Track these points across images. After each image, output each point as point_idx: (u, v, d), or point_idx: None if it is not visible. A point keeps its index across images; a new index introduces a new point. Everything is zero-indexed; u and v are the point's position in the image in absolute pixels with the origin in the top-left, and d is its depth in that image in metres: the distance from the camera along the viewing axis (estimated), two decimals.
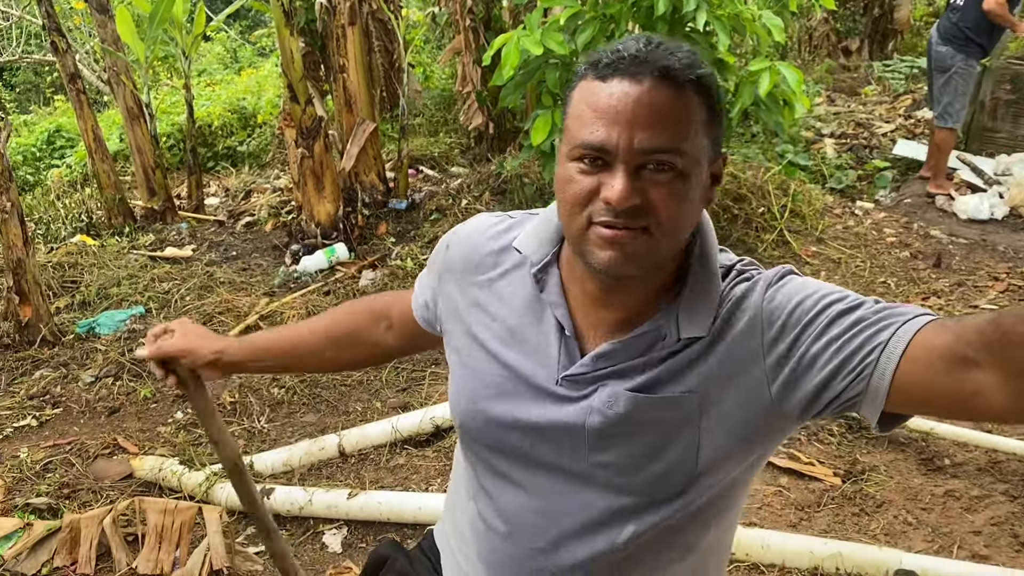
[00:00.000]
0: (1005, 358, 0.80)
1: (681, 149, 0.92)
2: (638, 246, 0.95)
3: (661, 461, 1.01)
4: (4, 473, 3.37)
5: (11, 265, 4.40)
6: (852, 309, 0.93)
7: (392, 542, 1.46)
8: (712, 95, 0.96)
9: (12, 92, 17.40)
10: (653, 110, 0.91)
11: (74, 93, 6.33)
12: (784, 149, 6.11)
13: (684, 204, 0.95)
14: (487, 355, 1.11)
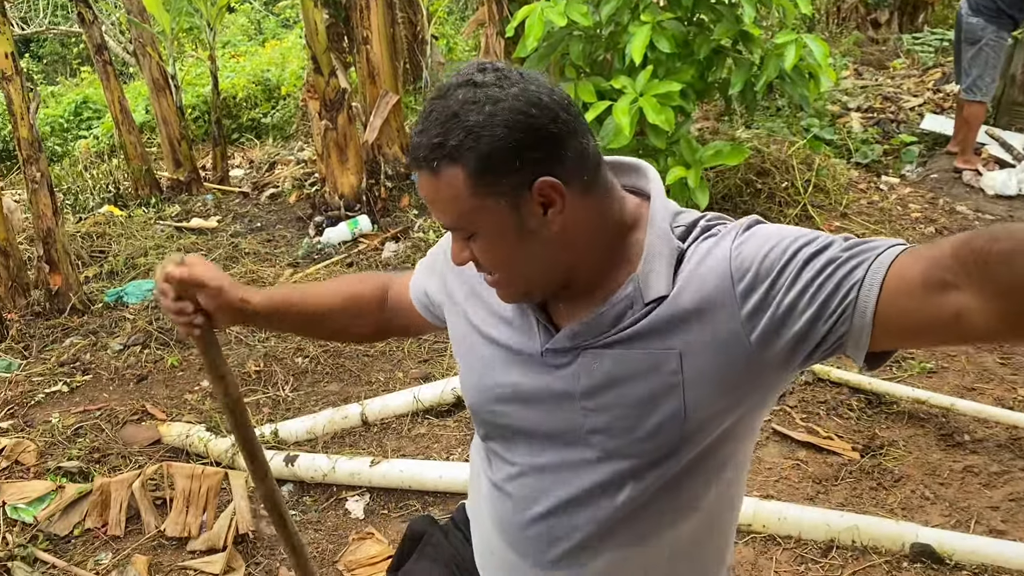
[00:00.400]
0: (983, 278, 0.79)
1: (457, 224, 1.03)
2: (505, 291, 1.09)
3: (651, 419, 1.03)
4: (36, 437, 3.45)
5: (41, 234, 4.49)
6: (822, 250, 0.92)
7: (427, 517, 1.52)
8: (480, 151, 0.95)
9: (39, 63, 17.53)
10: (427, 196, 1.02)
11: (100, 64, 6.38)
12: (809, 123, 6.05)
13: (499, 253, 1.03)
14: (483, 338, 1.17)
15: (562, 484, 1.11)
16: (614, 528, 1.10)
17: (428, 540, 1.42)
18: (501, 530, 1.19)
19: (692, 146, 3.93)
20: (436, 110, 0.98)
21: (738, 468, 1.15)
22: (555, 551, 1.13)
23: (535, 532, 1.14)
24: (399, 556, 1.47)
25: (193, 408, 3.66)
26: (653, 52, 3.79)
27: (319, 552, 2.79)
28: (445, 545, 1.40)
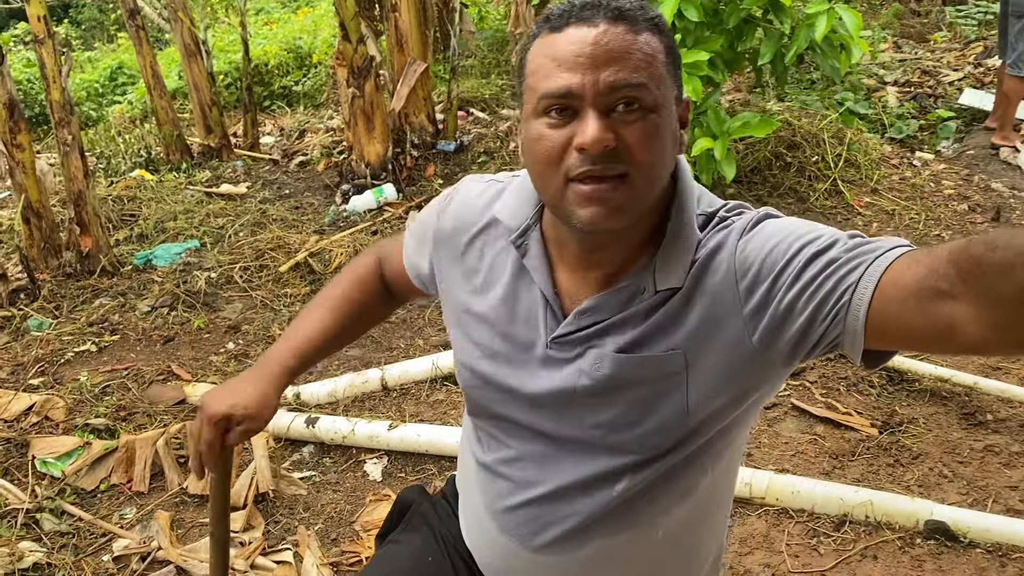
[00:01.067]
0: (979, 289, 0.76)
1: (647, 83, 0.91)
2: (619, 197, 0.92)
3: (653, 417, 1.01)
4: (65, 395, 3.54)
5: (72, 197, 4.56)
6: (825, 250, 0.90)
7: (417, 487, 1.50)
8: (667, 34, 0.95)
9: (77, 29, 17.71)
10: (613, 47, 0.90)
11: (133, 29, 6.44)
12: (844, 97, 5.95)
13: (658, 142, 0.93)
14: (480, 322, 1.12)
15: (559, 472, 1.09)
16: (607, 516, 1.09)
17: (416, 510, 1.41)
18: (492, 511, 1.17)
19: (720, 117, 3.88)
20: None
21: (734, 454, 1.14)
22: (546, 536, 1.12)
23: (526, 517, 1.12)
24: (387, 524, 1.46)
25: (218, 369, 3.72)
26: (682, 21, 3.74)
27: (336, 512, 2.84)
28: (432, 516, 1.38)
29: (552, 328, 1.05)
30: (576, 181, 0.92)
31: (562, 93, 0.91)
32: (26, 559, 2.60)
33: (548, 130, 0.93)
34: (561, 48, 0.91)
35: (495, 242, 1.12)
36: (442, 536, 1.35)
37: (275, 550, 2.67)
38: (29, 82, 10.38)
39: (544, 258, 1.07)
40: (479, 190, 1.18)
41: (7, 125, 4.45)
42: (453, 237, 1.17)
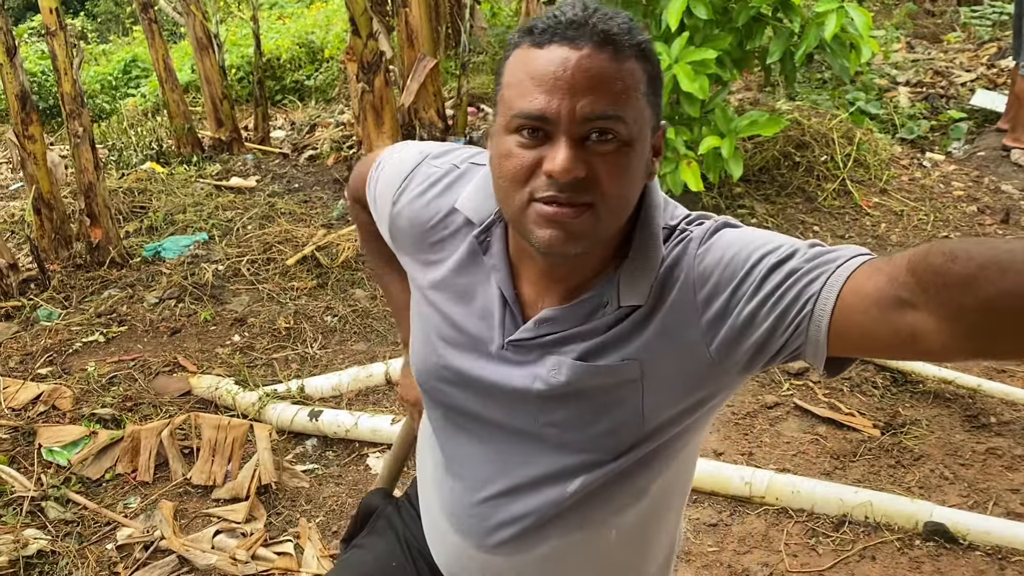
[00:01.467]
0: (939, 300, 0.75)
1: (624, 116, 0.88)
2: (581, 224, 0.90)
3: (608, 422, 1.02)
4: (73, 384, 3.57)
5: (83, 188, 4.59)
6: (785, 260, 0.89)
7: (380, 491, 1.51)
8: (652, 61, 0.92)
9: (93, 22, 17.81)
10: (594, 74, 0.86)
11: (146, 22, 6.47)
12: (855, 96, 5.92)
13: (627, 176, 0.91)
14: (439, 314, 1.11)
15: (512, 471, 1.09)
16: (561, 515, 1.08)
17: (380, 514, 1.41)
18: (447, 512, 1.17)
19: (727, 115, 3.87)
20: (605, 8, 0.90)
21: (691, 450, 1.14)
22: (499, 535, 1.11)
23: (480, 515, 1.12)
24: (351, 529, 1.46)
25: (224, 362, 3.75)
26: (690, 18, 3.73)
27: (339, 505, 2.86)
28: (397, 520, 1.38)
29: (510, 331, 1.04)
30: (540, 202, 0.91)
31: (536, 116, 0.89)
32: (30, 546, 2.63)
33: (518, 148, 0.91)
34: (541, 66, 0.88)
35: (454, 234, 1.10)
36: (406, 540, 1.34)
37: (276, 541, 2.69)
38: (43, 74, 10.44)
39: (506, 259, 1.05)
40: (435, 176, 1.14)
41: (19, 116, 4.48)
42: (410, 228, 1.14)
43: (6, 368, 3.78)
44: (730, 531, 2.58)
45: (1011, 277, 0.70)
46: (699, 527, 2.60)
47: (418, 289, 1.15)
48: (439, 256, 1.11)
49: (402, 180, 1.16)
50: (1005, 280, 0.70)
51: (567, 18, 0.88)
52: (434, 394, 1.15)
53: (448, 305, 1.09)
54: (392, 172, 1.19)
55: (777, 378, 3.30)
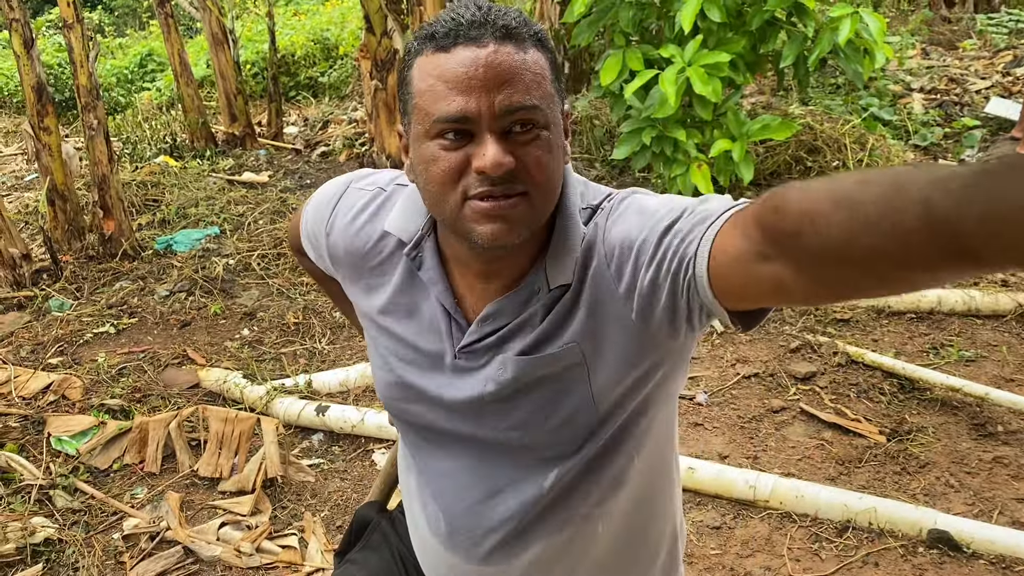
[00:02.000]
0: (783, 251, 0.74)
1: (539, 104, 0.90)
2: (519, 213, 0.92)
3: (562, 411, 1.02)
4: (83, 375, 3.60)
5: (96, 180, 4.62)
6: (674, 223, 0.89)
7: (374, 504, 1.50)
8: (550, 49, 0.95)
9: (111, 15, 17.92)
10: (504, 69, 0.88)
11: (163, 16, 6.51)
12: (868, 102, 5.90)
13: (552, 160, 0.93)
14: (391, 337, 1.12)
15: (487, 479, 1.10)
16: (542, 514, 1.09)
17: (374, 528, 1.40)
18: (433, 528, 1.16)
19: (739, 119, 3.87)
20: (497, 5, 0.92)
21: (661, 436, 1.13)
22: (486, 545, 1.11)
23: (464, 528, 1.12)
24: (345, 541, 1.46)
25: (232, 355, 3.77)
26: (704, 21, 3.73)
27: (343, 500, 2.87)
28: (391, 534, 1.38)
29: (458, 339, 1.06)
30: (475, 199, 0.92)
31: (457, 117, 0.89)
32: (38, 534, 2.66)
33: (443, 152, 0.92)
34: (451, 69, 0.89)
35: (390, 257, 1.11)
36: (400, 555, 1.34)
37: (281, 535, 2.71)
38: (59, 66, 10.52)
39: (440, 269, 1.06)
40: (363, 201, 1.14)
41: (35, 108, 4.52)
42: (347, 256, 1.15)
43: (17, 357, 3.81)
44: (733, 534, 2.58)
45: (823, 230, 0.68)
46: (702, 530, 2.60)
47: (367, 318, 1.16)
48: (380, 280, 1.12)
49: (331, 210, 1.17)
50: (818, 233, 0.69)
51: (467, 19, 0.89)
52: (401, 415, 1.16)
53: (398, 326, 1.10)
54: (320, 204, 1.20)
55: (784, 383, 3.29)
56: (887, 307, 3.70)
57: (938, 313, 3.67)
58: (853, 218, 0.65)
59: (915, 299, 3.67)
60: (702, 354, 3.55)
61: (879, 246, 0.64)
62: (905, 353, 3.43)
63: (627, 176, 5.35)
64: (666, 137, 3.89)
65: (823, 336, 3.56)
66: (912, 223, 0.61)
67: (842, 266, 0.69)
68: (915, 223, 0.61)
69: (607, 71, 3.93)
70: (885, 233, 0.63)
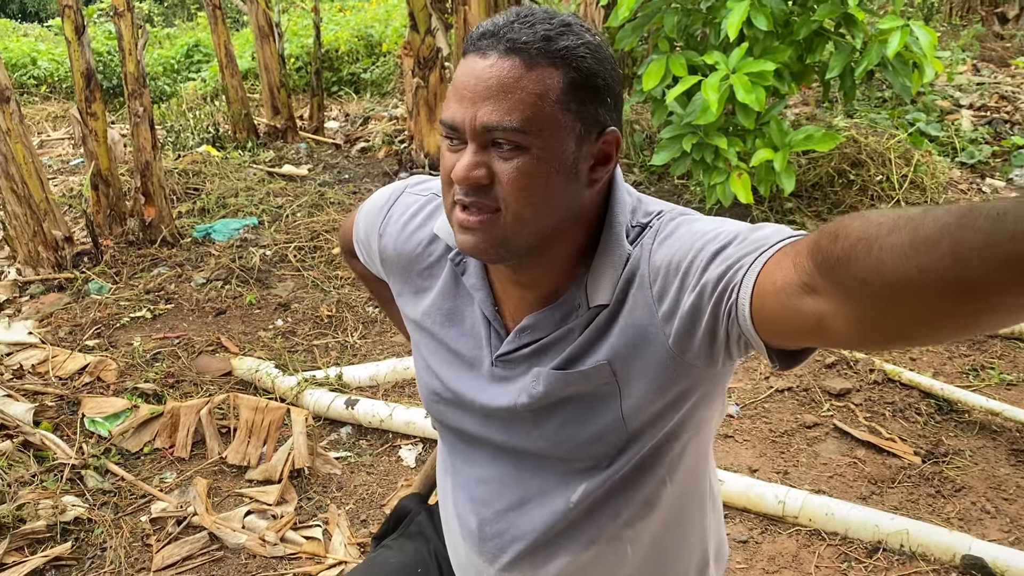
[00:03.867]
0: (831, 282, 0.71)
1: (521, 127, 0.88)
2: (489, 231, 0.92)
3: (591, 427, 1.02)
4: (118, 357, 3.64)
5: (140, 167, 4.69)
6: (723, 248, 0.87)
7: (416, 496, 1.52)
8: (577, 67, 0.90)
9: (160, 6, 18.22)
10: (492, 84, 0.87)
11: (211, 8, 6.58)
12: (915, 117, 5.80)
13: (536, 185, 0.90)
14: (434, 340, 1.13)
15: (516, 487, 1.10)
16: (569, 529, 1.08)
17: (412, 519, 1.42)
18: (463, 530, 1.18)
19: (782, 129, 3.82)
20: (540, 13, 0.90)
21: (696, 465, 1.12)
22: (510, 552, 1.12)
23: (491, 534, 1.13)
24: (384, 528, 1.47)
25: (265, 345, 3.80)
26: (750, 29, 3.69)
27: (368, 494, 2.88)
28: (428, 526, 1.40)
29: (496, 346, 1.06)
30: (456, 206, 0.94)
31: (449, 124, 0.92)
32: (68, 512, 2.69)
33: (448, 153, 0.94)
34: (458, 77, 0.92)
35: (438, 261, 1.12)
36: (435, 548, 1.35)
37: (306, 525, 2.72)
38: (108, 54, 10.70)
39: (483, 276, 1.07)
40: (416, 206, 1.16)
41: (83, 94, 4.59)
42: (397, 258, 1.17)
43: (55, 338, 3.87)
44: (760, 549, 2.54)
45: (876, 253, 0.64)
46: (729, 543, 2.57)
47: (412, 321, 1.17)
48: (427, 283, 1.13)
49: (385, 213, 1.19)
50: (871, 256, 0.65)
51: (487, 29, 0.90)
52: (439, 417, 1.17)
53: (441, 330, 1.11)
54: (374, 207, 1.22)
55: (817, 398, 3.24)
56: None
57: (980, 334, 3.59)
58: (912, 238, 0.61)
59: None
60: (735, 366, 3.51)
61: (933, 267, 0.60)
62: (944, 373, 3.37)
63: (665, 182, 5.31)
64: (707, 144, 3.85)
65: (860, 353, 3.50)
66: (974, 238, 0.57)
67: (889, 296, 0.65)
68: (978, 237, 0.57)
69: (649, 76, 3.90)
70: (943, 252, 0.59)
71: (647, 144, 5.16)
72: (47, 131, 8.79)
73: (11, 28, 14.20)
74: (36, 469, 2.88)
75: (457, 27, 5.85)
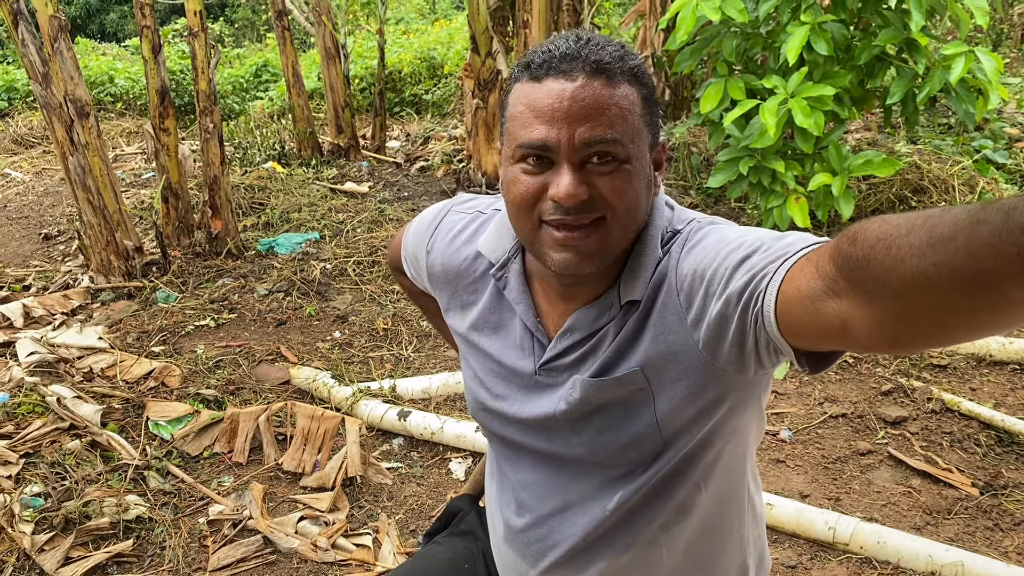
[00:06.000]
0: (853, 285, 0.72)
1: (620, 139, 0.93)
2: (592, 243, 0.96)
3: (627, 432, 1.05)
4: (182, 364, 3.77)
5: (208, 181, 4.85)
6: (749, 255, 0.89)
7: (467, 496, 1.56)
8: (645, 83, 0.96)
9: (231, 27, 18.80)
10: (589, 103, 0.91)
11: (279, 29, 6.79)
12: (982, 144, 5.68)
13: (630, 191, 0.95)
14: (481, 352, 1.18)
15: (557, 492, 1.14)
16: (607, 534, 1.11)
17: (462, 518, 1.47)
18: (507, 533, 1.22)
19: (841, 153, 3.80)
20: (596, 38, 0.95)
21: (733, 473, 1.13)
22: (551, 557, 1.15)
23: (533, 538, 1.17)
24: (436, 526, 1.52)
25: (323, 356, 3.89)
26: (810, 54, 3.68)
27: (418, 505, 2.92)
28: (477, 527, 1.43)
29: (539, 355, 1.10)
30: (549, 224, 0.97)
31: (539, 145, 0.93)
32: (131, 511, 2.79)
33: (524, 176, 0.97)
34: (540, 99, 0.93)
35: (482, 276, 1.17)
36: (483, 549, 1.39)
37: (356, 533, 2.77)
38: (181, 72, 11.09)
39: (524, 289, 1.11)
40: (462, 223, 1.21)
41: (157, 110, 4.78)
42: (444, 274, 1.22)
43: (124, 343, 4.02)
44: (809, 575, 2.51)
45: (894, 252, 0.65)
46: (777, 568, 2.54)
47: (459, 335, 1.22)
48: (472, 298, 1.18)
49: (432, 231, 1.24)
50: (889, 256, 0.66)
51: (560, 52, 0.93)
52: (486, 424, 1.22)
53: (487, 342, 1.16)
54: (421, 225, 1.28)
55: (872, 425, 3.19)
56: (988, 355, 3.55)
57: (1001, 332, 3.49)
58: (929, 236, 0.63)
59: (1020, 349, 3.52)
60: (788, 390, 3.48)
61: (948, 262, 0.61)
62: (1005, 405, 3.29)
63: (722, 205, 5.30)
64: (764, 168, 3.84)
65: (917, 381, 3.44)
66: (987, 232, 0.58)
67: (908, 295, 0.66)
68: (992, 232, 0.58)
69: (707, 99, 3.91)
70: (957, 247, 0.60)
71: (704, 167, 5.15)
72: (121, 146, 9.13)
73: (91, 48, 14.81)
74: (102, 468, 3.00)
75: (518, 49, 5.94)
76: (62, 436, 3.15)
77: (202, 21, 4.78)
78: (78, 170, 4.39)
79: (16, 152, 9.17)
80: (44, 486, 2.88)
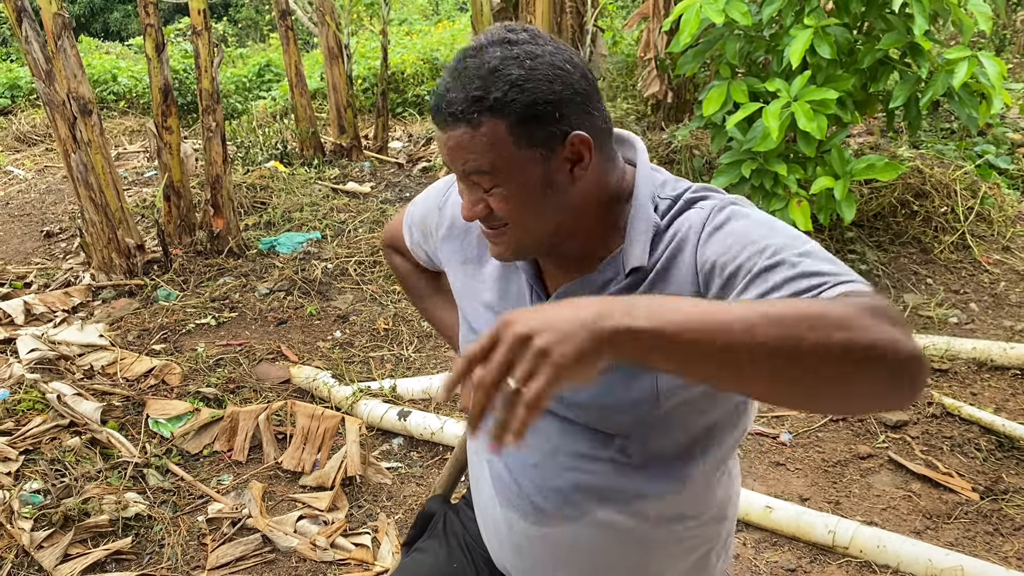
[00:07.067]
0: None
1: (488, 169, 1.03)
2: (505, 243, 1.10)
3: (625, 398, 1.08)
4: (182, 362, 3.77)
5: (210, 180, 4.86)
6: (768, 269, 0.93)
7: (439, 498, 1.57)
8: (516, 109, 0.99)
9: (234, 27, 18.81)
10: (455, 147, 1.03)
11: (283, 29, 6.79)
12: (984, 149, 5.68)
13: (520, 207, 1.05)
14: (477, 304, 1.24)
15: (548, 443, 1.16)
16: (598, 487, 1.14)
17: (439, 519, 1.48)
18: (497, 491, 1.23)
19: (843, 157, 3.79)
20: (471, 66, 1.00)
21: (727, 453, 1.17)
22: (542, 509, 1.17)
23: (526, 490, 1.18)
24: (412, 533, 1.53)
25: (323, 355, 3.89)
26: (813, 57, 3.68)
27: (418, 505, 2.92)
28: (457, 525, 1.45)
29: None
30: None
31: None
32: (130, 509, 2.80)
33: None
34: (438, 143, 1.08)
35: None
36: (466, 543, 1.41)
37: (355, 533, 2.77)
38: (184, 71, 11.10)
39: None
40: None
41: (160, 108, 4.79)
42: (452, 228, 1.30)
43: (124, 341, 4.03)
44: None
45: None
46: (776, 571, 2.54)
47: (460, 290, 1.29)
48: (483, 251, 1.25)
49: (446, 189, 1.34)
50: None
51: (436, 99, 1.04)
52: None
53: (489, 294, 1.23)
54: (431, 190, 1.39)
55: (872, 429, 3.19)
56: (989, 360, 3.55)
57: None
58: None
59: (1021, 354, 3.51)
60: None
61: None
62: (1006, 410, 3.28)
63: None
64: (766, 171, 3.84)
65: None
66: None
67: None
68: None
69: (710, 102, 3.91)
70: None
71: (706, 169, 5.15)
72: (124, 144, 9.13)
73: (94, 46, 14.82)
74: (102, 465, 3.00)
75: None
76: (62, 433, 3.15)
77: (206, 20, 4.79)
78: (80, 168, 4.39)
79: (19, 149, 9.18)
80: (43, 483, 2.88)
